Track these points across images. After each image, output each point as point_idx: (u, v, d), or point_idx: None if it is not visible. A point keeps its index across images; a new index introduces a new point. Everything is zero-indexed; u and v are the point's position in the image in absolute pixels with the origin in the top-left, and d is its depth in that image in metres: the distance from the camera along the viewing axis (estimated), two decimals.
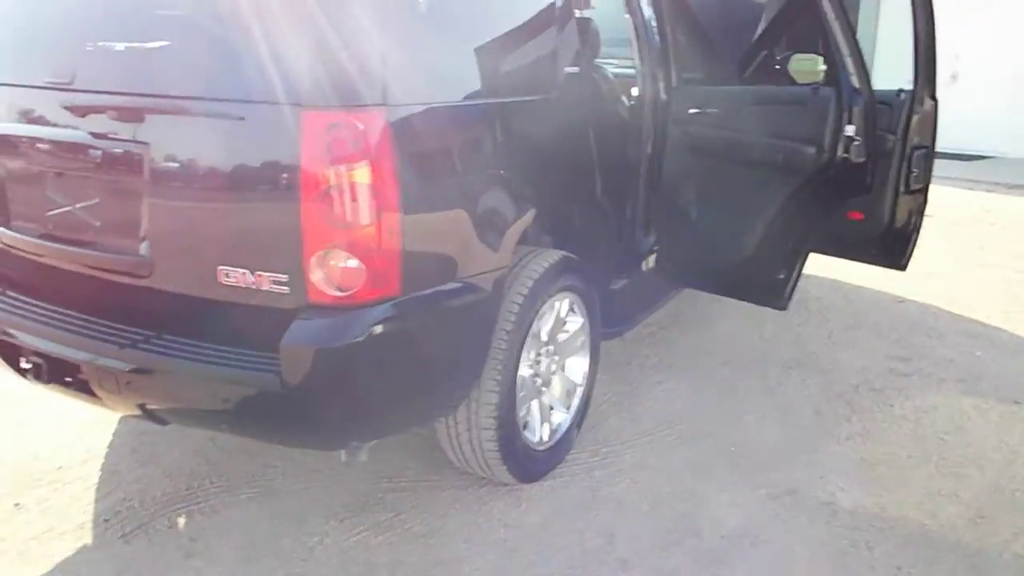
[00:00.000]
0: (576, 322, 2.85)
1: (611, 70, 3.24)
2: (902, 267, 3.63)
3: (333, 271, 1.88)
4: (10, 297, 2.32)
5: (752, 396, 3.39)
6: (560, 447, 2.83)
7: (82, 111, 2.08)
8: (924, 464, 2.91)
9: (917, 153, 3.45)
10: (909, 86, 3.42)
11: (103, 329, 2.11)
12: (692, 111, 3.23)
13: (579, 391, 2.92)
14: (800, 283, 3.17)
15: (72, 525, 2.46)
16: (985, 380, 3.59)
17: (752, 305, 4.23)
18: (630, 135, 3.21)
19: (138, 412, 2.12)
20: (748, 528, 2.52)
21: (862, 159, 2.83)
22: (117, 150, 2.03)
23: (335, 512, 2.54)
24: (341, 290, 1.89)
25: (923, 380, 3.60)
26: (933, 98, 3.44)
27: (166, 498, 2.60)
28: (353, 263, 1.88)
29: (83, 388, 2.10)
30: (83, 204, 2.15)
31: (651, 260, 3.51)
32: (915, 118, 3.41)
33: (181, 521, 2.50)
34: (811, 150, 2.86)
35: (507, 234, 2.26)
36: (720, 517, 2.57)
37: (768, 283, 3.13)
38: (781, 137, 2.95)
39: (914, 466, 2.90)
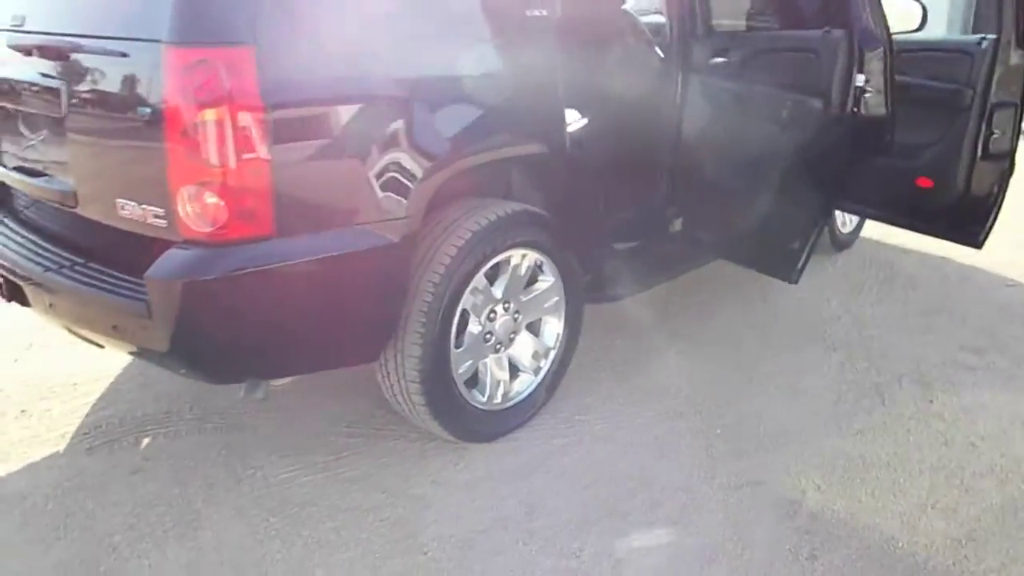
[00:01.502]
0: (546, 281, 2.71)
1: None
2: (977, 245, 3.13)
3: (199, 208, 1.90)
4: None
5: (774, 376, 3.09)
6: (520, 410, 2.73)
7: (26, 51, 2.23)
8: (934, 471, 2.53)
9: (1000, 112, 2.93)
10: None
11: (45, 254, 2.28)
12: (715, 60, 2.94)
13: (551, 354, 2.80)
14: (894, 257, 2.82)
15: (56, 435, 2.70)
16: None
17: (829, 280, 3.87)
18: (645, 85, 2.98)
19: (69, 333, 2.28)
20: (682, 517, 2.32)
21: (881, 113, 2.44)
22: (45, 88, 2.17)
23: (281, 449, 2.61)
24: (210, 226, 1.91)
25: (988, 376, 3.11)
26: (1022, 47, 2.89)
27: (144, 419, 2.78)
28: (217, 201, 1.89)
29: (27, 305, 2.29)
30: (38, 138, 2.32)
31: (677, 223, 3.27)
32: (999, 70, 2.89)
33: (145, 441, 2.67)
34: (818, 103, 2.50)
35: (415, 182, 2.16)
36: (659, 501, 2.38)
37: (780, 253, 2.81)
38: (788, 88, 2.61)
39: (921, 472, 2.52)
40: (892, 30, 2.91)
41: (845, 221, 4.27)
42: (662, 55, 3.15)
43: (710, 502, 2.38)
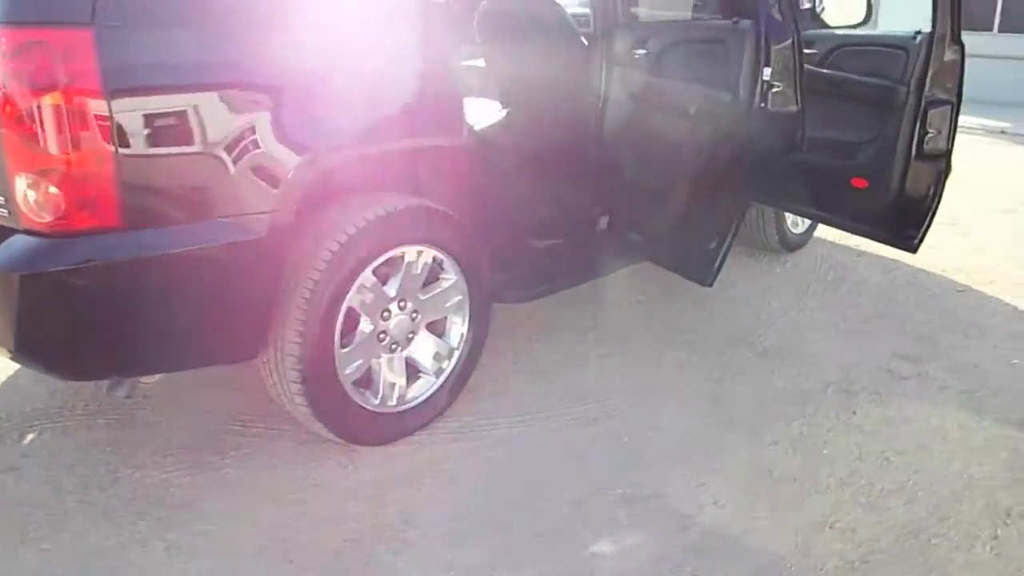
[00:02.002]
0: (447, 280, 2.61)
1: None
2: (912, 248, 3.02)
3: (38, 196, 1.80)
4: None
5: (696, 382, 2.98)
6: (419, 412, 2.62)
7: None
8: (842, 487, 2.42)
9: (935, 110, 2.81)
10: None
11: None
12: (637, 52, 2.82)
13: (455, 356, 2.69)
14: (847, 259, 2.70)
15: None
16: (1001, 396, 2.93)
17: (774, 282, 3.77)
18: (567, 77, 2.87)
19: None
20: (566, 529, 2.22)
21: (790, 109, 2.32)
22: None
23: (168, 447, 2.52)
24: (50, 216, 1.81)
25: (919, 386, 2.99)
26: (958, 42, 2.77)
27: (33, 414, 2.69)
28: (56, 190, 1.79)
29: None
30: None
31: (603, 221, 3.16)
32: (933, 66, 2.77)
33: (29, 437, 2.58)
34: (727, 97, 2.39)
35: (282, 174, 2.06)
36: (546, 513, 2.28)
37: (696, 254, 2.70)
38: (699, 82, 2.50)
39: (827, 488, 2.41)
40: (836, 23, 2.80)
41: (797, 221, 4.15)
42: (586, 45, 3.04)
43: (600, 515, 2.28)
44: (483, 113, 2.72)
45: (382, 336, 2.48)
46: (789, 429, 2.71)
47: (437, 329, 2.68)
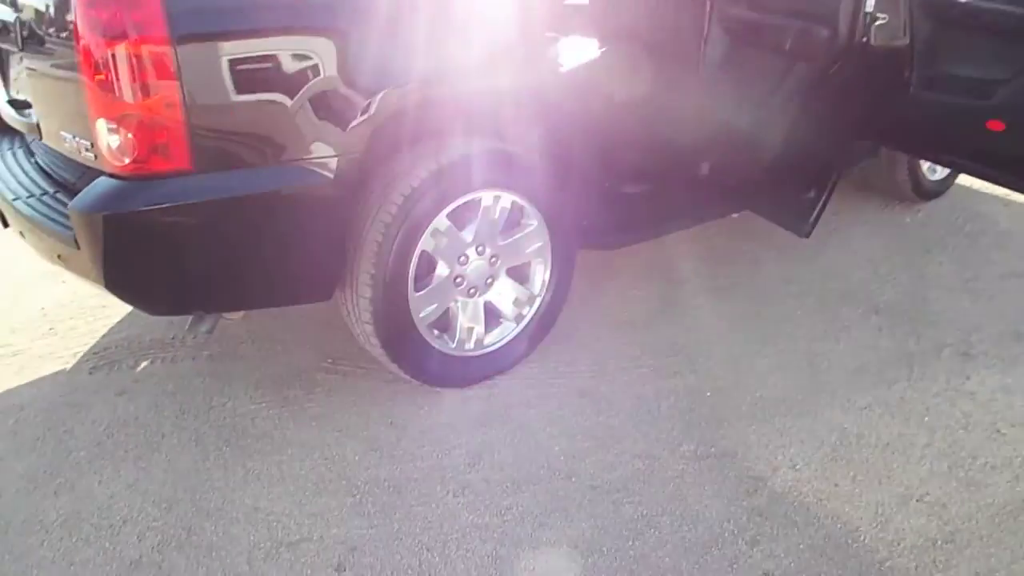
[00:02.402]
0: (529, 225, 2.57)
1: None
2: None
3: (115, 141, 1.90)
4: None
5: (795, 339, 2.82)
6: (497, 358, 2.63)
7: None
8: (938, 458, 2.23)
9: None
10: None
11: (26, 183, 2.38)
12: None
13: (536, 302, 2.67)
14: (990, 209, 2.47)
15: (70, 353, 2.88)
16: None
17: (901, 233, 3.50)
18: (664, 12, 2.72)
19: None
20: (629, 484, 2.17)
21: (897, 43, 2.09)
22: (5, 25, 2.23)
23: (260, 381, 2.66)
24: (127, 160, 1.91)
25: None
26: None
27: (149, 344, 2.91)
28: (129, 136, 1.89)
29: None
30: (15, 73, 2.42)
31: (705, 166, 3.01)
32: None
33: (143, 365, 2.80)
34: (824, 32, 2.17)
35: (350, 117, 2.07)
36: (612, 465, 2.25)
37: (793, 203, 2.52)
38: (797, 15, 2.28)
39: (921, 459, 2.23)
40: None
41: (934, 168, 3.78)
42: None
43: (666, 471, 2.22)
44: (575, 51, 2.61)
45: (459, 280, 2.49)
46: (888, 393, 2.52)
47: (519, 275, 2.66)
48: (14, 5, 2.21)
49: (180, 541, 2.00)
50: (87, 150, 2.00)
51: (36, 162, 2.53)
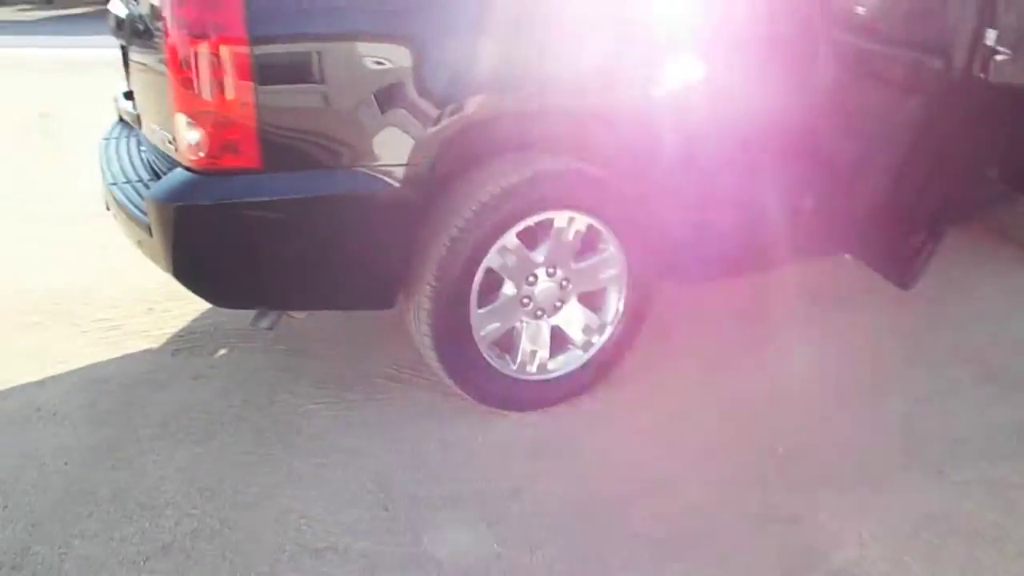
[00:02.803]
0: (605, 251, 2.46)
1: None
2: None
3: (191, 136, 1.95)
4: None
5: (892, 397, 2.58)
6: (562, 384, 2.53)
7: None
8: None
9: None
10: None
11: (127, 169, 2.49)
12: (858, 8, 2.42)
13: (608, 331, 2.55)
14: None
15: (160, 333, 3.00)
16: None
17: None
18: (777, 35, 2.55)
19: None
20: (675, 540, 2.02)
21: (1020, 82, 1.86)
22: (118, 20, 2.34)
23: (325, 381, 2.67)
24: (201, 155, 1.96)
25: None
26: None
27: (232, 332, 2.99)
28: (203, 132, 1.93)
29: None
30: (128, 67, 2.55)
31: (807, 202, 2.80)
32: None
33: (221, 352, 2.88)
34: (937, 64, 1.96)
35: (419, 127, 2.04)
36: (662, 515, 2.10)
37: (895, 249, 2.29)
38: (910, 45, 2.07)
39: (1017, 555, 1.97)
40: None
41: None
42: None
43: (721, 530, 2.05)
44: (671, 71, 2.48)
45: (526, 301, 2.42)
46: (990, 471, 2.24)
47: (592, 301, 2.55)
48: (130, 1, 2.33)
49: (212, 532, 2.03)
50: (170, 142, 2.07)
51: (141, 151, 2.66)
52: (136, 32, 2.23)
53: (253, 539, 2.00)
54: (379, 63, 1.99)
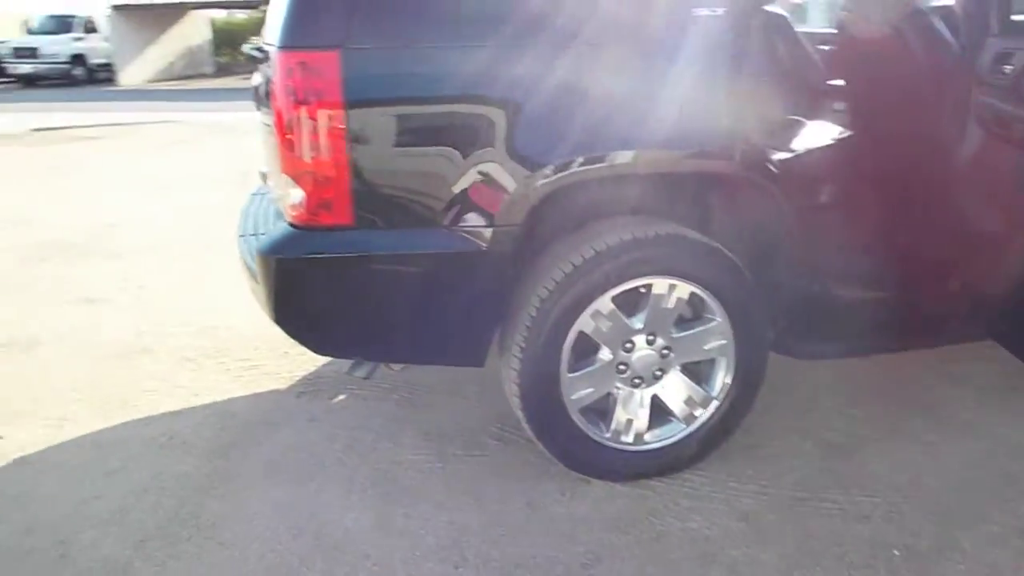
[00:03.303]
0: (711, 320, 2.36)
1: None
2: None
3: (293, 195, 2.08)
4: None
5: None
6: (658, 457, 2.43)
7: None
8: None
9: None
10: None
11: (254, 226, 2.69)
12: (1005, 69, 2.22)
13: (713, 405, 2.43)
14: None
15: (289, 375, 3.19)
16: None
17: None
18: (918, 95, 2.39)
19: None
20: None
21: None
22: (260, 84, 2.57)
23: (429, 433, 2.72)
24: (300, 212, 2.09)
25: None
26: None
27: (353, 379, 3.09)
28: (302, 191, 2.06)
29: None
30: None
31: (955, 281, 2.56)
32: None
33: (340, 398, 3.01)
34: None
35: (507, 190, 2.07)
36: None
37: None
38: None
39: None
40: None
41: None
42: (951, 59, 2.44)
43: None
44: (801, 134, 2.37)
45: (622, 368, 2.35)
46: None
47: (696, 372, 2.45)
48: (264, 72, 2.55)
49: (291, 570, 2.10)
50: (281, 200, 2.23)
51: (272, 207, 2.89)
52: (261, 99, 2.44)
53: None
54: (467, 127, 2.06)
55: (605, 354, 2.34)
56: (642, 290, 2.29)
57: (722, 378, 2.42)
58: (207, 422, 2.85)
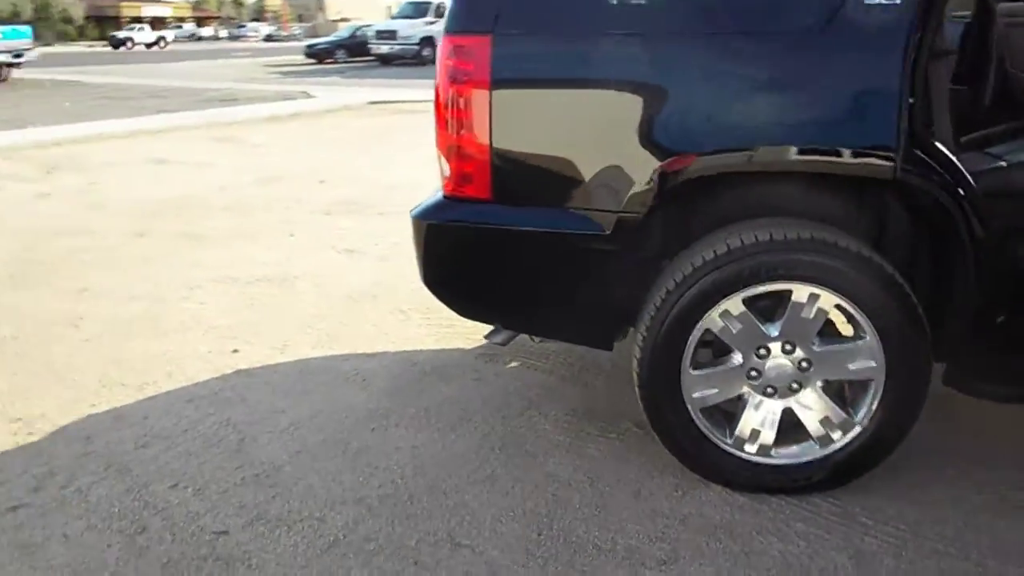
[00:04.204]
0: (861, 339, 2.16)
1: None
2: None
3: (445, 168, 2.28)
4: None
5: None
6: (782, 474, 2.29)
7: None
8: None
9: None
10: None
11: None
12: None
13: (854, 431, 2.23)
14: None
15: (479, 338, 3.43)
16: None
17: None
18: None
19: None
20: None
21: None
22: None
23: (576, 410, 2.78)
24: (450, 185, 2.29)
25: None
26: None
27: (530, 350, 3.23)
28: (451, 165, 2.25)
29: None
30: None
31: None
32: None
33: (512, 364, 3.18)
34: None
35: (631, 176, 2.07)
36: None
37: None
38: None
39: None
40: None
41: None
42: None
43: None
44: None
45: (754, 374, 2.25)
46: None
47: (840, 391, 2.27)
48: None
49: (397, 499, 2.32)
50: (440, 173, 2.45)
51: None
52: None
53: (413, 519, 2.24)
54: (603, 110, 2.10)
55: (737, 357, 2.25)
56: (785, 295, 2.17)
57: (868, 404, 2.21)
58: (391, 366, 3.19)
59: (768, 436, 2.28)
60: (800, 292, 2.15)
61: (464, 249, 2.33)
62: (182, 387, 3.02)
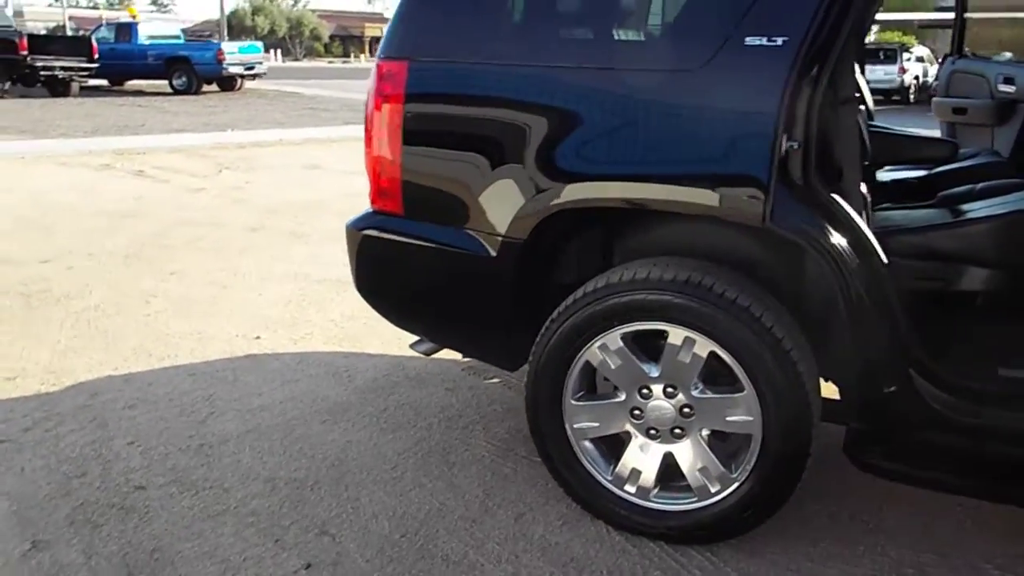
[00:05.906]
0: (738, 391, 2.08)
1: None
2: None
3: (370, 182, 2.47)
4: None
5: None
6: (663, 519, 2.23)
7: None
8: None
9: None
10: None
11: None
12: None
13: (732, 486, 2.14)
14: None
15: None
16: None
17: None
18: None
19: None
20: None
21: None
22: None
23: (521, 431, 2.84)
24: (373, 197, 2.47)
25: None
26: None
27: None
28: (372, 179, 2.43)
29: None
30: None
31: None
32: None
33: (492, 380, 3.26)
34: None
35: (516, 203, 2.13)
36: None
37: None
38: None
39: None
40: None
41: None
42: None
43: None
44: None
45: (636, 413, 2.22)
46: None
47: (727, 445, 2.19)
48: None
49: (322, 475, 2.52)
50: None
51: None
52: None
53: (302, 504, 2.42)
54: (493, 135, 2.21)
55: (620, 393, 2.23)
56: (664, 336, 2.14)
57: (747, 459, 2.11)
58: (382, 367, 3.40)
59: (648, 478, 2.24)
60: (675, 335, 2.10)
61: (383, 260, 2.50)
62: (193, 363, 3.41)
